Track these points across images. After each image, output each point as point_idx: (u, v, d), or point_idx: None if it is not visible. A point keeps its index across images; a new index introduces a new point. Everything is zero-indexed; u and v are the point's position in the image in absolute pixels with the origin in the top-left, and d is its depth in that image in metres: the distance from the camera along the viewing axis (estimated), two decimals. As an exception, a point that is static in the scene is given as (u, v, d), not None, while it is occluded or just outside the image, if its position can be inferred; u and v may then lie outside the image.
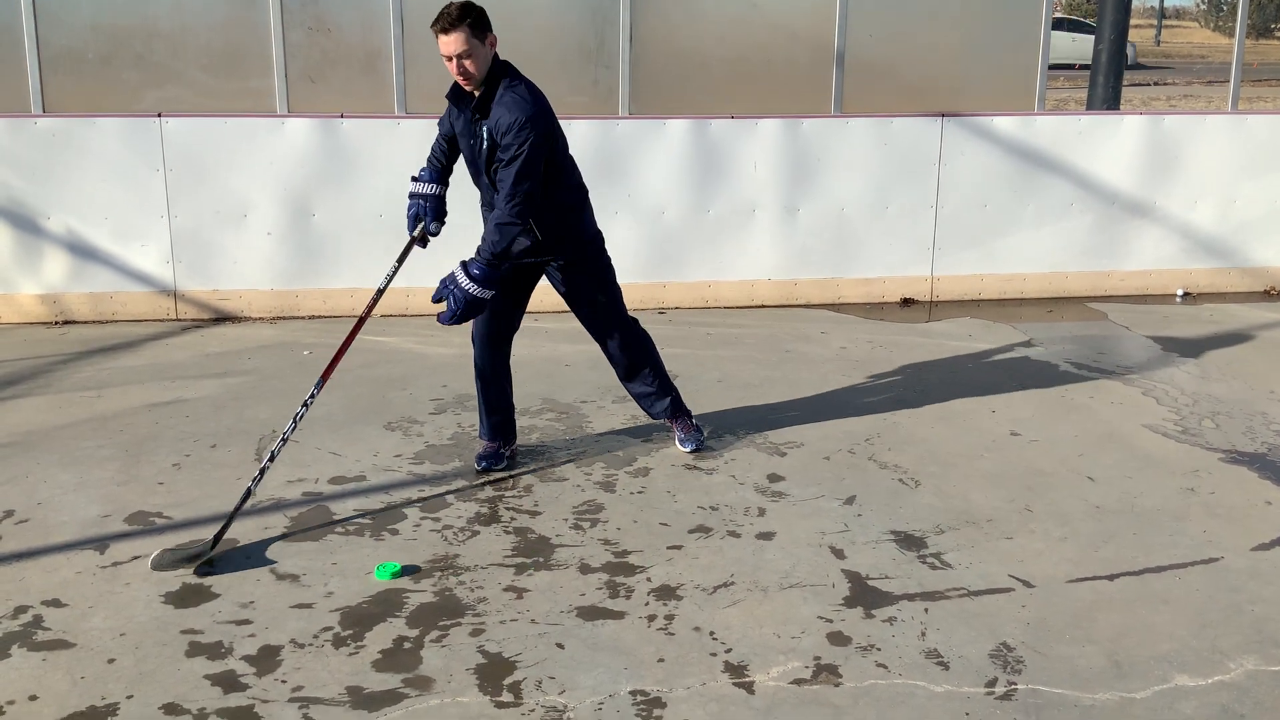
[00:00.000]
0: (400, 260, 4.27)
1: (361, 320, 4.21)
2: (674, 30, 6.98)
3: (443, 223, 4.31)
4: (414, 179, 4.33)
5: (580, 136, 6.58)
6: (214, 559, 3.62)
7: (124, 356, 5.83)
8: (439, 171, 4.32)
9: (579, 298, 4.36)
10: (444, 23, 3.83)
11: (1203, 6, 50.68)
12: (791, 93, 7.03)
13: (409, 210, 4.31)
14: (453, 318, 4.02)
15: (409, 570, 3.58)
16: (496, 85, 3.94)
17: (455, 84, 4.02)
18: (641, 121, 6.70)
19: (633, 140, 6.66)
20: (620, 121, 6.69)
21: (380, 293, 4.24)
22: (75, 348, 5.95)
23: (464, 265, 4.03)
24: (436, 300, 4.05)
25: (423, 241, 4.31)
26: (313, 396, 4.03)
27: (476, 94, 3.98)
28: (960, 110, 6.97)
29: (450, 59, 3.87)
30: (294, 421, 3.97)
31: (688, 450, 4.59)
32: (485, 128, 3.97)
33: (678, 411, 4.61)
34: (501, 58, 4.02)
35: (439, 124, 4.29)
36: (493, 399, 4.42)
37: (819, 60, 6.99)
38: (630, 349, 4.45)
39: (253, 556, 3.68)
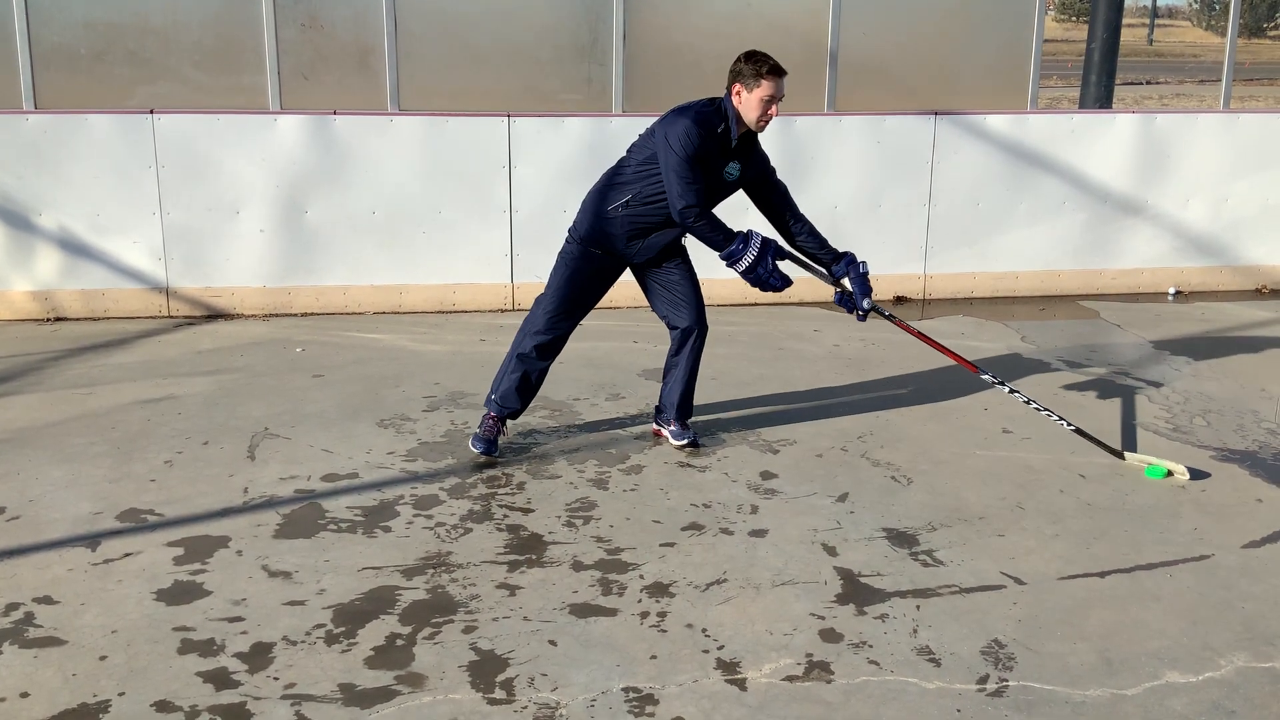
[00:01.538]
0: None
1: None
2: (667, 27, 6.98)
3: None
4: (749, 234, 4.33)
5: (574, 133, 6.59)
6: None
7: (116, 353, 5.82)
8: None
9: (690, 281, 4.54)
10: (778, 65, 4.18)
11: (1195, 6, 50.80)
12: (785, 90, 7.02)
13: (772, 243, 4.35)
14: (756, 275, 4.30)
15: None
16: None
17: (710, 122, 4.19)
18: (635, 119, 6.69)
19: (626, 138, 6.57)
20: (614, 119, 6.69)
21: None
22: (67, 345, 5.94)
23: (854, 262, 4.48)
24: (872, 303, 4.44)
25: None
26: None
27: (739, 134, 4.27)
28: (953, 109, 6.99)
29: (774, 101, 4.19)
30: None
31: (682, 444, 4.60)
32: (739, 162, 4.32)
33: (688, 413, 4.67)
34: (496, 55, 4.08)
35: (695, 165, 4.21)
36: (536, 387, 4.54)
37: (812, 58, 6.99)
38: (702, 339, 4.58)
39: (245, 553, 3.67)
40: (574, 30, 6.85)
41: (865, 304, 4.40)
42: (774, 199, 4.46)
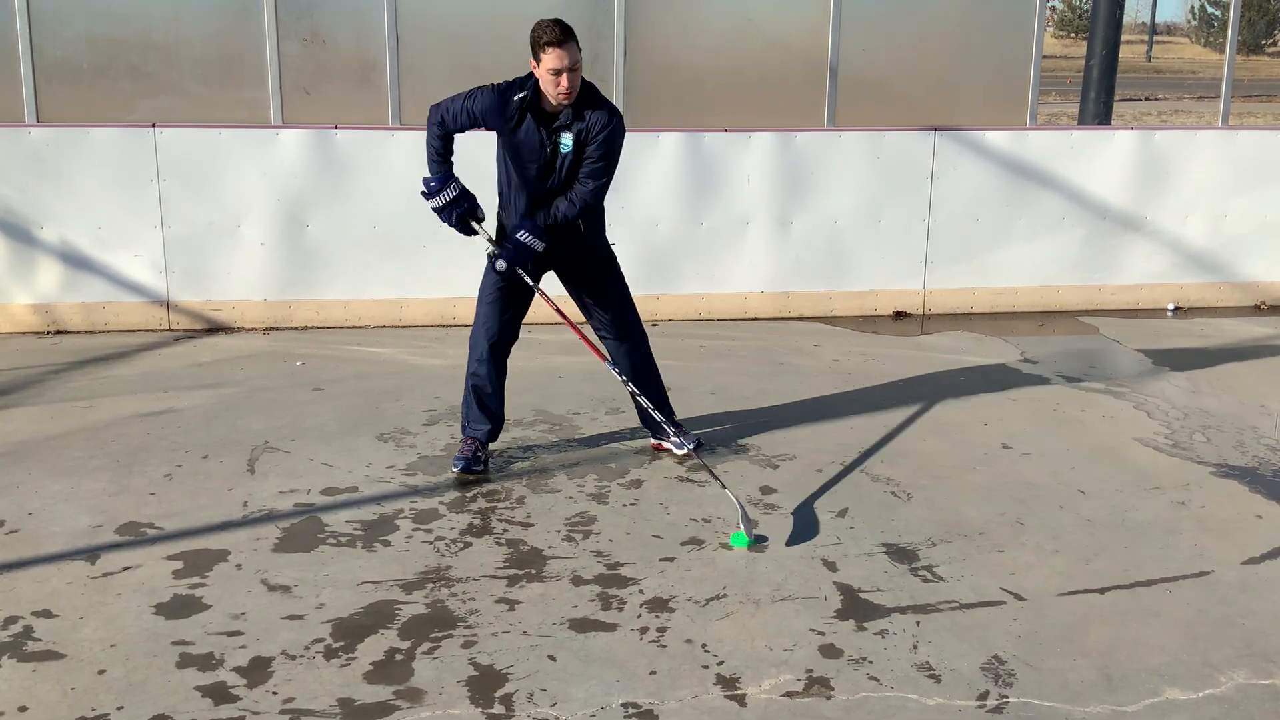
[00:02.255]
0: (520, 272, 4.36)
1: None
2: (668, 44, 7.00)
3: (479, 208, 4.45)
4: (437, 189, 4.33)
5: (574, 149, 6.60)
6: None
7: (116, 366, 5.82)
8: (450, 167, 4.40)
9: (601, 287, 4.51)
10: (556, 34, 4.00)
11: (1194, 22, 51.00)
12: (785, 106, 7.06)
13: (457, 208, 4.33)
14: (510, 258, 4.24)
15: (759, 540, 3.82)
16: (584, 98, 4.16)
17: (533, 99, 4.12)
18: (636, 134, 6.67)
19: (627, 152, 6.56)
20: (614, 134, 6.70)
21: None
22: (67, 358, 5.94)
23: (530, 230, 4.25)
24: (509, 268, 4.27)
25: (474, 229, 4.43)
26: None
27: (554, 109, 4.14)
28: (952, 124, 7.01)
29: (561, 72, 4.01)
30: None
31: (683, 451, 4.61)
32: (569, 134, 4.15)
33: (670, 416, 4.66)
34: (498, 70, 4.11)
35: (455, 116, 4.27)
36: (491, 404, 4.53)
37: (812, 74, 7.02)
38: (640, 348, 4.60)
39: (244, 567, 3.67)
40: (575, 46, 6.86)
41: (499, 265, 4.26)
42: (579, 173, 4.26)
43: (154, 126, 6.29)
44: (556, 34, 3.99)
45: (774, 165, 6.82)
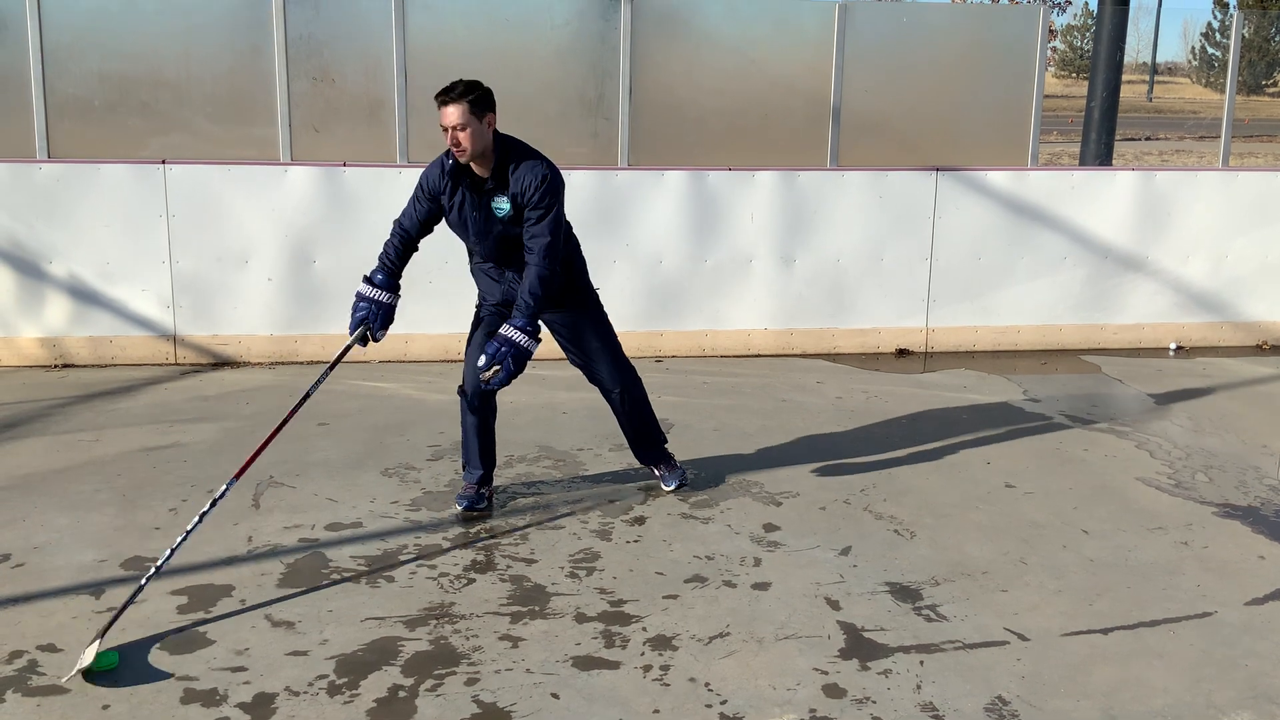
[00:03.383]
0: (338, 359, 4.28)
1: (298, 405, 4.19)
2: (672, 84, 7.08)
3: (385, 331, 4.36)
4: (367, 280, 4.32)
5: (580, 187, 6.66)
6: (93, 667, 3.19)
7: (122, 400, 5.85)
8: (391, 275, 4.36)
9: (581, 342, 4.49)
10: (446, 95, 4.04)
11: (1194, 63, 51.38)
12: (788, 146, 7.12)
13: (356, 312, 4.28)
14: (509, 377, 4.10)
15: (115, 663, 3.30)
16: (508, 157, 4.13)
17: (456, 165, 4.15)
18: (640, 172, 6.79)
19: (631, 191, 6.75)
20: (619, 172, 6.77)
21: (315, 386, 4.21)
22: (74, 391, 5.97)
23: (511, 326, 4.10)
24: (488, 368, 4.09)
25: (363, 342, 4.32)
26: (223, 494, 3.85)
27: (484, 172, 4.14)
28: (954, 164, 7.07)
29: (446, 130, 4.04)
30: (170, 552, 3.65)
31: (670, 488, 4.66)
32: (504, 197, 4.14)
33: (664, 456, 4.73)
34: (505, 109, 4.13)
35: (410, 212, 4.32)
36: (484, 444, 4.51)
37: (815, 114, 7.09)
38: (631, 391, 4.58)
39: (248, 603, 3.68)
40: (581, 86, 6.95)
41: (480, 362, 4.14)
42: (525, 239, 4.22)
43: (164, 163, 6.35)
44: (443, 95, 4.03)
45: (777, 204, 6.88)
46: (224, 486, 3.86)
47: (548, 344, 4.62)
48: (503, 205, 4.16)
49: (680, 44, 7.06)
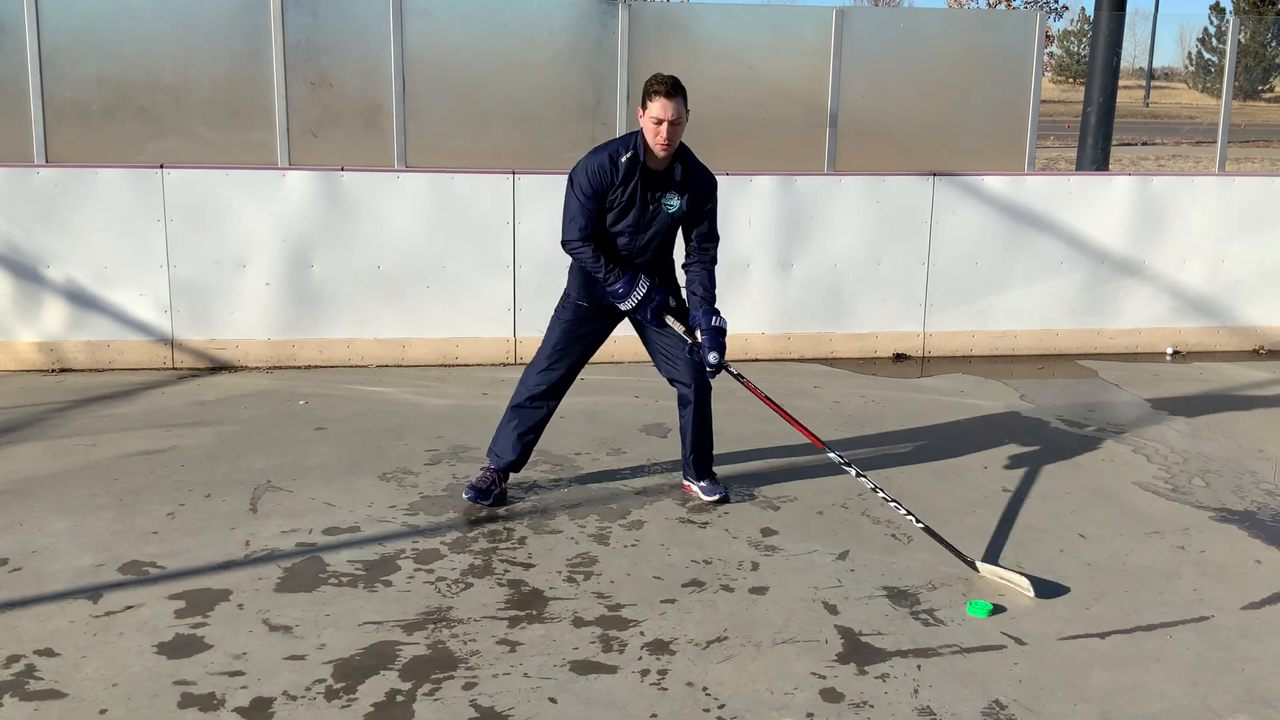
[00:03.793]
0: (671, 329, 4.51)
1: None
2: (670, 89, 7.08)
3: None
4: (629, 279, 4.34)
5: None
6: None
7: (120, 404, 5.85)
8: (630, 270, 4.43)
9: (673, 345, 4.54)
10: (667, 87, 4.15)
11: (1191, 68, 51.50)
12: (785, 151, 7.13)
13: (654, 300, 4.39)
14: (720, 362, 4.35)
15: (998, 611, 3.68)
16: (684, 156, 4.36)
17: (631, 159, 4.22)
18: (638, 177, 6.78)
19: None
20: (617, 177, 6.77)
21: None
22: (71, 395, 5.97)
23: (713, 314, 4.37)
24: (720, 366, 4.35)
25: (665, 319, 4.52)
26: None
27: (662, 165, 4.29)
28: (951, 170, 7.08)
29: (662, 123, 4.14)
30: None
31: (713, 499, 4.65)
32: (674, 194, 4.32)
33: (710, 464, 4.73)
34: (503, 114, 4.16)
35: (585, 222, 4.29)
36: (530, 437, 4.59)
37: (812, 120, 7.10)
38: (708, 393, 4.63)
39: (246, 607, 3.68)
40: (579, 91, 6.96)
41: (712, 358, 4.33)
42: (695, 241, 4.44)
43: (162, 167, 6.36)
44: (665, 86, 4.16)
45: (775, 209, 6.89)
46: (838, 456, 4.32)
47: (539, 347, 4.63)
48: (673, 202, 4.33)
49: (677, 50, 7.07)
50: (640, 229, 4.36)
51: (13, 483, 4.72)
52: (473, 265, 6.69)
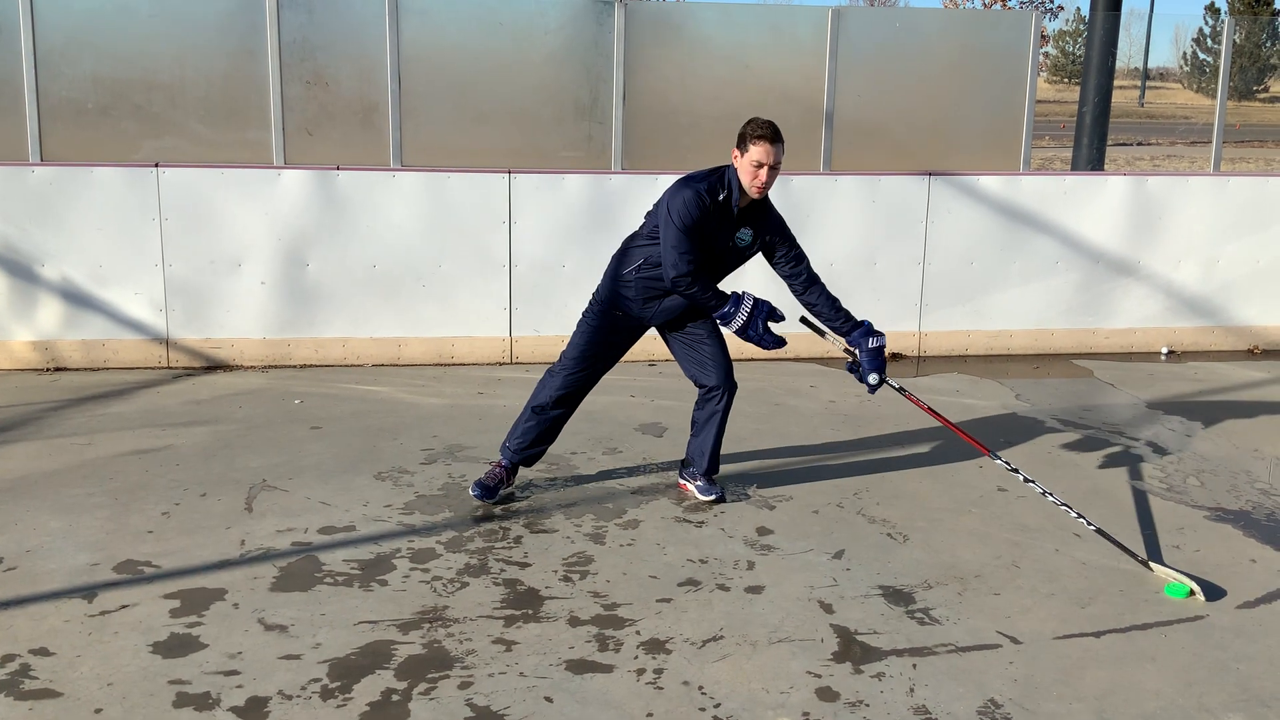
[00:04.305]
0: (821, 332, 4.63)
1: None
2: (665, 90, 7.10)
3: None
4: (735, 297, 4.41)
5: (573, 190, 6.68)
6: None
7: (115, 404, 5.84)
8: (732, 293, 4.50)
9: (706, 347, 4.61)
10: (771, 131, 4.23)
11: (1186, 68, 51.59)
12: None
13: (760, 315, 4.41)
14: (878, 369, 4.47)
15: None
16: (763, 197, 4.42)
17: (725, 196, 4.29)
18: (633, 176, 6.80)
19: (624, 195, 6.75)
20: (613, 176, 6.78)
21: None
22: (66, 395, 5.96)
23: (872, 333, 4.48)
24: (881, 381, 4.47)
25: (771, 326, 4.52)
26: None
27: (744, 204, 4.34)
28: (947, 170, 7.09)
29: (763, 167, 4.22)
30: None
31: (709, 499, 4.65)
32: (748, 229, 4.40)
33: (715, 469, 4.73)
34: (499, 114, 4.17)
35: (692, 255, 4.31)
36: (550, 432, 4.62)
37: (809, 120, 7.11)
38: (731, 395, 4.64)
39: (241, 606, 3.67)
40: (575, 90, 6.96)
41: (872, 379, 4.43)
42: (787, 265, 4.51)
43: (157, 166, 6.35)
44: (768, 131, 4.23)
45: (771, 208, 6.88)
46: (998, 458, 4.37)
47: (539, 347, 4.63)
48: (745, 236, 4.40)
49: (673, 49, 7.08)
50: (712, 262, 4.41)
51: (7, 482, 4.71)
52: (468, 264, 6.69)
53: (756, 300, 4.40)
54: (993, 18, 15.32)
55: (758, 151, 4.22)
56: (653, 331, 6.85)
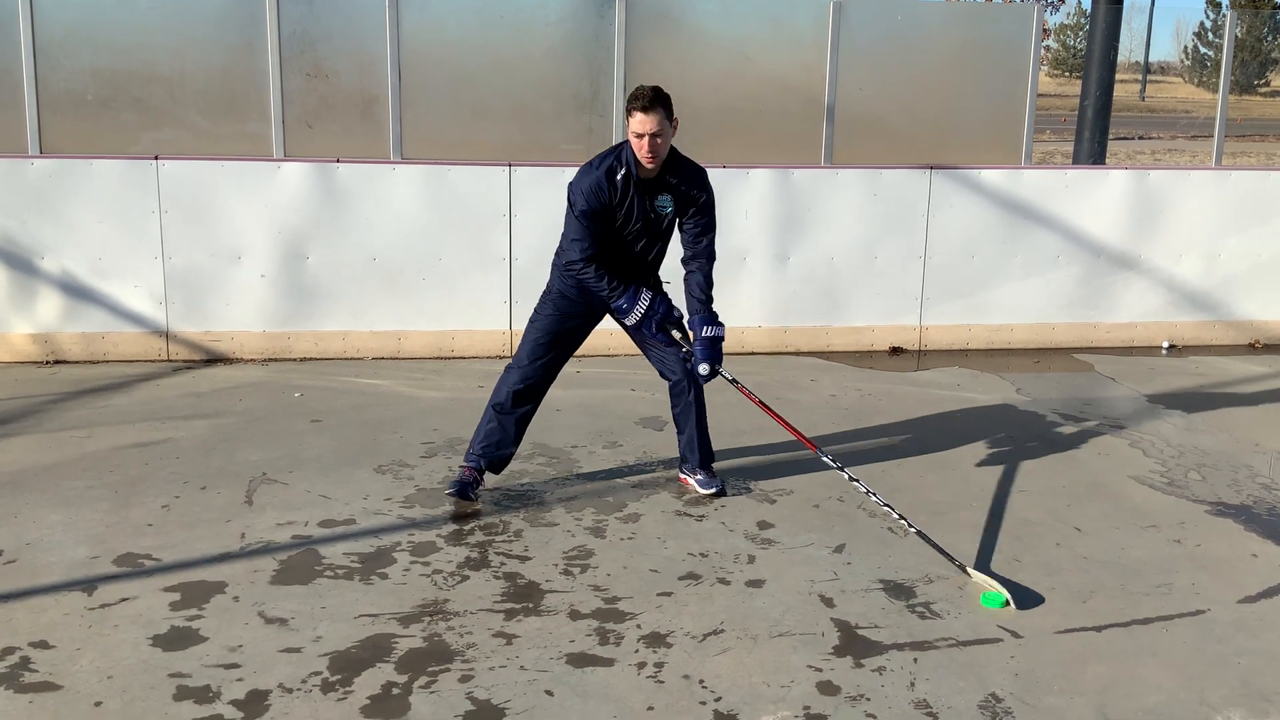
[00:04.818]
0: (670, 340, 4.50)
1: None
2: (667, 81, 6.96)
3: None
4: (635, 290, 4.35)
5: (574, 184, 6.65)
6: None
7: (115, 397, 5.83)
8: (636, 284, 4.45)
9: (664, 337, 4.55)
10: (643, 102, 4.14)
11: (1187, 62, 51.48)
12: (782, 143, 7.12)
13: (656, 314, 4.38)
14: (709, 359, 4.36)
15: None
16: (674, 158, 4.32)
17: (628, 171, 4.22)
18: (634, 170, 6.77)
19: None
20: (613, 169, 6.76)
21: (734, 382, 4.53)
22: (66, 387, 5.95)
23: (711, 321, 4.37)
24: (712, 374, 4.38)
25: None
26: None
27: (653, 174, 4.27)
28: (948, 163, 7.07)
29: (643, 136, 4.13)
30: None
31: (710, 492, 4.64)
32: (668, 196, 4.32)
33: (709, 458, 4.72)
34: (499, 106, 4.15)
35: (589, 242, 4.28)
36: (514, 433, 4.54)
37: (810, 112, 7.09)
38: (697, 387, 4.62)
39: (241, 600, 3.67)
40: (575, 83, 6.94)
41: (703, 369, 4.35)
42: (691, 233, 4.41)
43: (156, 159, 6.33)
44: (641, 101, 4.15)
45: (772, 201, 6.88)
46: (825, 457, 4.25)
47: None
48: (666, 205, 4.32)
49: (674, 41, 7.06)
50: (642, 236, 4.38)
51: (7, 474, 4.70)
52: (469, 257, 6.67)
53: (655, 298, 4.37)
54: (995, 11, 15.26)
55: (634, 122, 4.15)
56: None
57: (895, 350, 7.17)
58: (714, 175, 6.75)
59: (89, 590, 3.70)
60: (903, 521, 4.17)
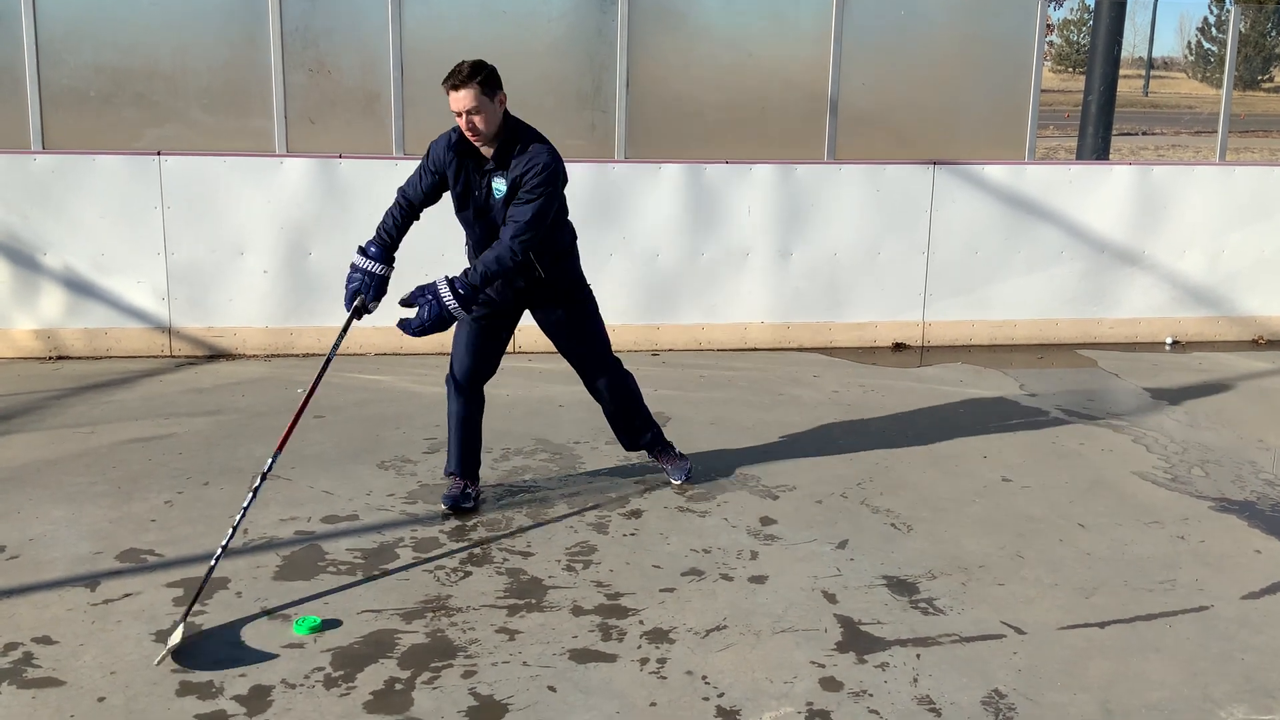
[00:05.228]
0: (343, 334, 4.22)
1: (311, 390, 4.10)
2: (670, 77, 7.07)
3: (379, 302, 4.27)
4: (361, 251, 4.23)
5: (577, 179, 6.61)
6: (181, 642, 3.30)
7: (117, 392, 5.83)
8: (386, 249, 4.26)
9: (570, 336, 4.44)
10: (455, 80, 3.93)
11: (1190, 58, 51.41)
12: (785, 139, 7.11)
13: (350, 284, 4.19)
14: (420, 327, 4.08)
15: (328, 625, 3.48)
16: (514, 139, 4.04)
17: (462, 141, 4.07)
18: (637, 165, 6.78)
19: (628, 183, 6.74)
20: (616, 165, 6.76)
21: (327, 363, 4.16)
22: (69, 383, 5.95)
23: (449, 281, 4.07)
24: (407, 304, 4.09)
25: (359, 315, 4.23)
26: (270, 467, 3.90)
27: (489, 149, 4.04)
28: (951, 158, 7.06)
29: (460, 115, 3.95)
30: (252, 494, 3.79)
31: (678, 481, 4.65)
32: (503, 176, 4.05)
33: (661, 447, 4.69)
34: (508, 107, 4.09)
35: (415, 182, 4.21)
36: (467, 438, 4.42)
37: (813, 108, 7.08)
38: (616, 388, 4.55)
39: (244, 595, 3.67)
40: (578, 79, 6.93)
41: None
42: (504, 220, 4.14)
43: (159, 154, 6.33)
44: (451, 80, 3.92)
45: (774, 197, 6.87)
46: (269, 461, 3.92)
47: (543, 336, 4.61)
48: (501, 186, 4.08)
49: (677, 37, 7.04)
50: (478, 215, 4.18)
51: (10, 470, 4.70)
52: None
53: (366, 276, 4.21)
54: (998, 5, 15.21)
55: (450, 102, 3.94)
56: (657, 322, 6.88)
57: (898, 346, 7.17)
58: (716, 171, 6.83)
59: (92, 586, 3.70)
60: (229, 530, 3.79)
